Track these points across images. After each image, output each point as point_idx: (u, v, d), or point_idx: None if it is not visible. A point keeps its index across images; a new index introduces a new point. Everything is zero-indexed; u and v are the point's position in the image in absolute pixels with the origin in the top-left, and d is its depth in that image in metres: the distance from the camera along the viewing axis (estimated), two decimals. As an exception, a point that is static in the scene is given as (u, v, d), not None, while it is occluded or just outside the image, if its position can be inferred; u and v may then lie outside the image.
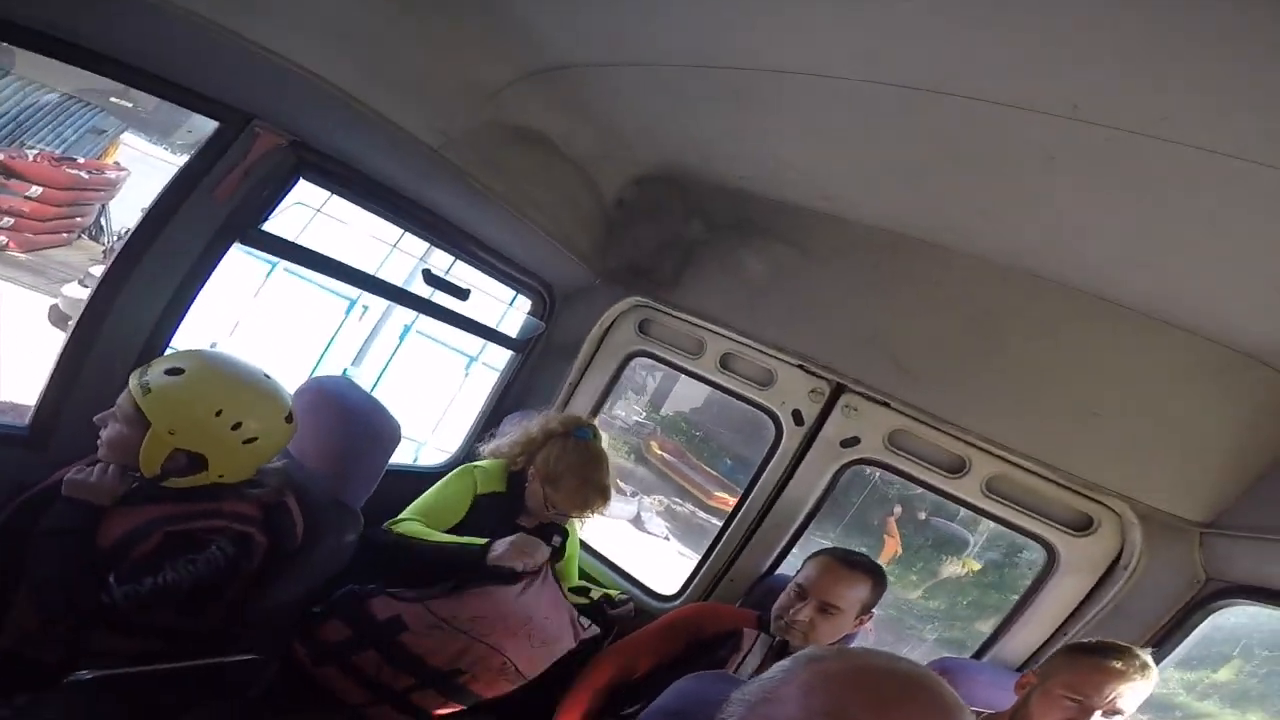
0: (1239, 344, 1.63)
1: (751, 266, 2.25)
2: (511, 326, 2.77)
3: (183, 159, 1.91)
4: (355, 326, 5.29)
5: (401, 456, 2.04)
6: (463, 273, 2.48)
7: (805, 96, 1.49)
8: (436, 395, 4.96)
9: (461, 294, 2.33)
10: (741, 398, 2.55)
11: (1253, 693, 6.31)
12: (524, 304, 2.75)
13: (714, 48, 1.46)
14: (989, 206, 1.61)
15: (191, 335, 1.84)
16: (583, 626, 2.02)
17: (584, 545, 2.57)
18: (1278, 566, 1.64)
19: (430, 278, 2.27)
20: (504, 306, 2.85)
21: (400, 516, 2.07)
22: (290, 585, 1.68)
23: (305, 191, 1.86)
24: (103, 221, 9.31)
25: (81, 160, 8.80)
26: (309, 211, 2.39)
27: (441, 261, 3.06)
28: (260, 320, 5.02)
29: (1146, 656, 1.53)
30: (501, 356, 2.88)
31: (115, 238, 8.60)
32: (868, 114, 1.44)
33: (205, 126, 1.65)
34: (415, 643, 1.82)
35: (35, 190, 7.67)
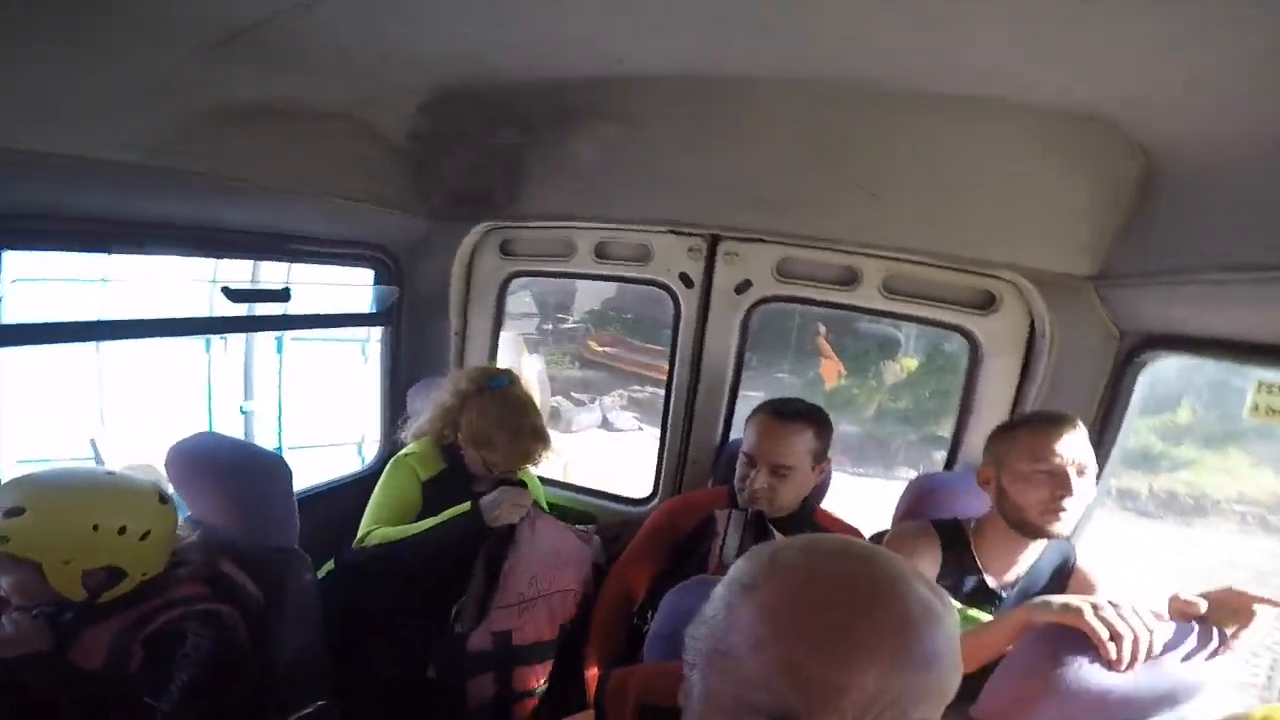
0: (1072, 107, 1.63)
1: (583, 152, 2.11)
2: (366, 302, 2.55)
3: None
4: (225, 361, 4.88)
5: (351, 462, 1.94)
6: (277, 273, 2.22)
7: None
8: (346, 392, 4.71)
9: (280, 296, 2.04)
10: (629, 279, 2.55)
11: (1216, 431, 6.99)
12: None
13: None
14: (796, 29, 1.50)
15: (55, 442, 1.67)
16: (578, 533, 2.16)
17: (547, 481, 2.59)
18: (1176, 308, 1.69)
19: (233, 293, 1.97)
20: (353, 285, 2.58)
21: (362, 532, 1.99)
22: (288, 638, 1.68)
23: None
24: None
25: None
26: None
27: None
28: (127, 397, 4.55)
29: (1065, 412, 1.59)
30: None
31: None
32: None
33: None
34: (522, 637, 1.96)
35: None
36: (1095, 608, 1.14)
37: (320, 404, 4.96)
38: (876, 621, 0.64)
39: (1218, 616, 1.18)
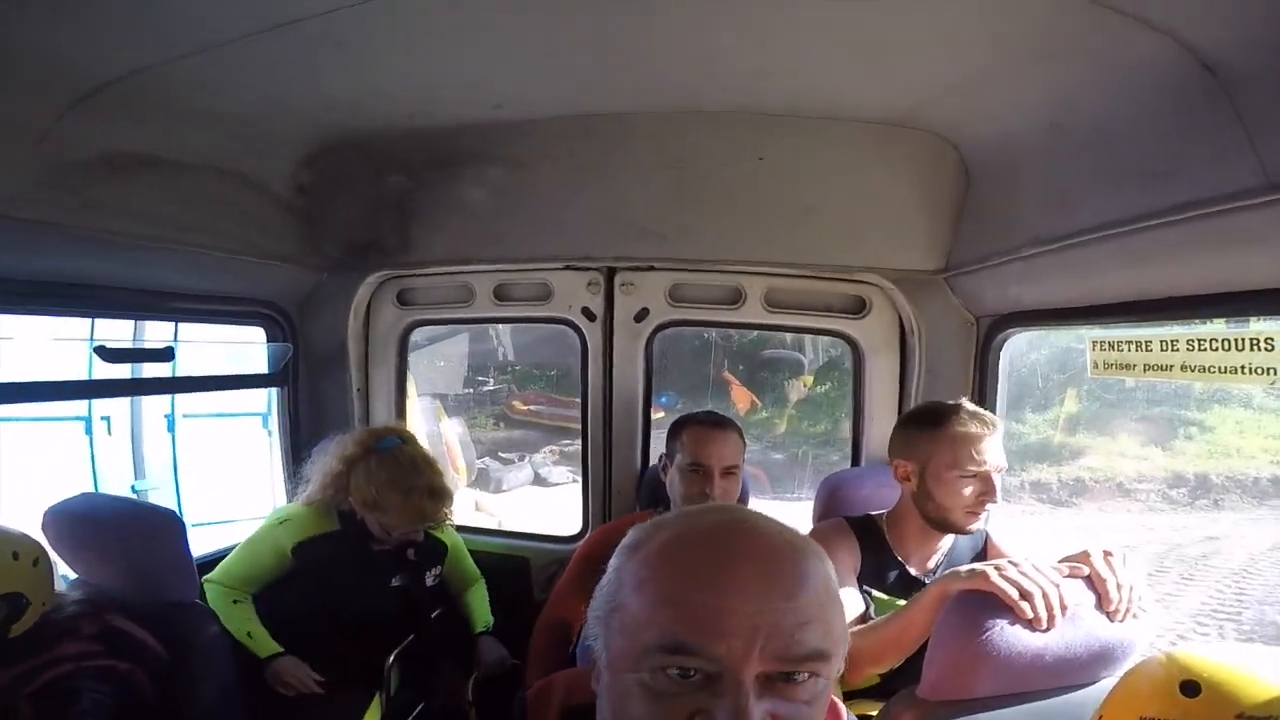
0: (895, 116, 1.80)
1: (472, 196, 2.16)
2: (258, 363, 2.45)
3: None
4: (110, 443, 4.57)
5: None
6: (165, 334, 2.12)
7: (427, 14, 1.38)
8: (249, 465, 4.47)
9: (162, 355, 1.97)
10: (532, 319, 2.61)
11: (1104, 417, 7.57)
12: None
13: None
14: (656, 64, 1.63)
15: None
16: None
17: (477, 530, 2.59)
18: (1011, 288, 1.86)
19: (110, 353, 1.88)
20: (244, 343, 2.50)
21: (215, 576, 1.99)
22: (201, 695, 1.62)
23: None
24: None
25: None
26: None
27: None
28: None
29: (973, 406, 1.64)
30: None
31: None
32: (503, 10, 1.38)
33: None
34: None
35: None
36: (999, 569, 1.20)
37: (224, 481, 4.68)
38: (744, 550, 0.68)
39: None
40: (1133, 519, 7.23)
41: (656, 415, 2.60)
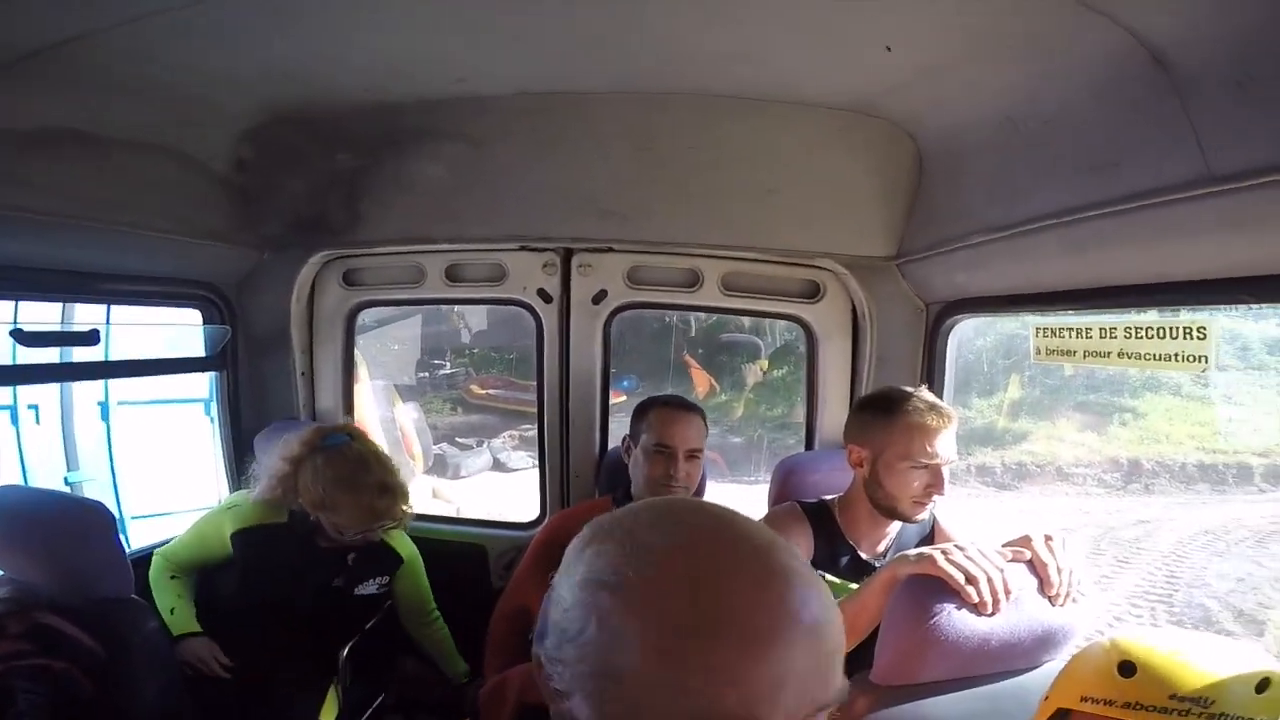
0: (854, 104, 1.82)
1: (426, 173, 2.09)
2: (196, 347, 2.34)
3: None
4: (39, 433, 4.32)
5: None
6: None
7: None
8: (192, 454, 4.28)
9: (87, 339, 1.85)
10: (485, 301, 2.60)
11: (1044, 403, 7.85)
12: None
13: None
14: (622, 43, 1.61)
15: None
16: None
17: (434, 518, 2.55)
18: (959, 275, 1.90)
19: (27, 336, 1.76)
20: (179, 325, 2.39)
21: (158, 557, 2.00)
22: (141, 692, 1.58)
23: None
24: None
25: None
26: None
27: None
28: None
29: (931, 396, 1.64)
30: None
31: None
32: None
33: None
34: None
35: None
36: (945, 553, 1.22)
37: (165, 470, 4.49)
38: (790, 608, 0.57)
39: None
40: (1070, 502, 7.58)
41: (618, 399, 2.59)
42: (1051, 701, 1.05)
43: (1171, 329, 1.32)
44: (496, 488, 7.59)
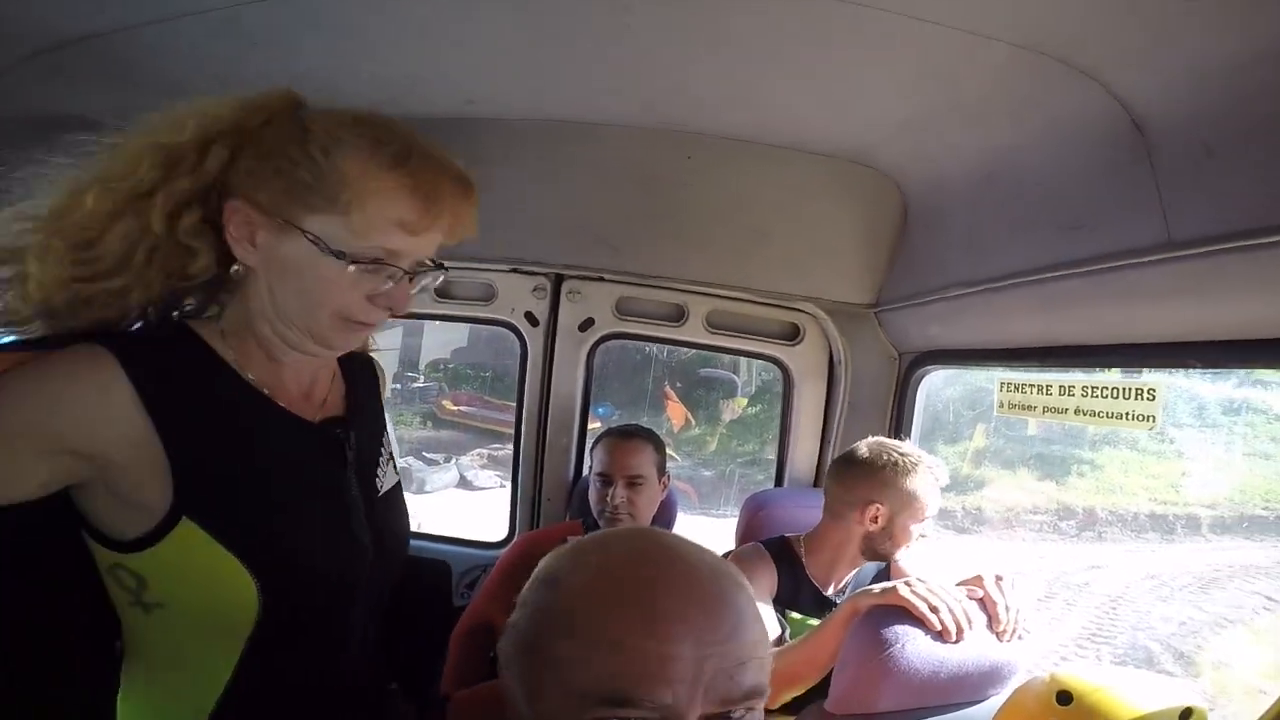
0: (843, 151, 1.88)
1: None
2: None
3: None
4: None
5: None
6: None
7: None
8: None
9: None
10: (473, 319, 2.58)
11: (1006, 452, 8.05)
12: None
13: None
14: (632, 77, 1.66)
15: None
16: None
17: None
18: (933, 326, 1.98)
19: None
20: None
21: None
22: None
23: None
24: None
25: None
26: None
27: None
28: None
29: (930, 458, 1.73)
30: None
31: None
32: (486, 5, 1.38)
33: None
34: None
35: None
36: (909, 584, 1.29)
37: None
38: (681, 589, 0.65)
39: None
40: (1027, 547, 7.73)
41: (594, 426, 2.62)
42: None
43: (1125, 389, 1.41)
44: (461, 505, 7.48)
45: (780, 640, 1.65)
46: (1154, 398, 1.38)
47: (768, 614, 1.68)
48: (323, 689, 1.03)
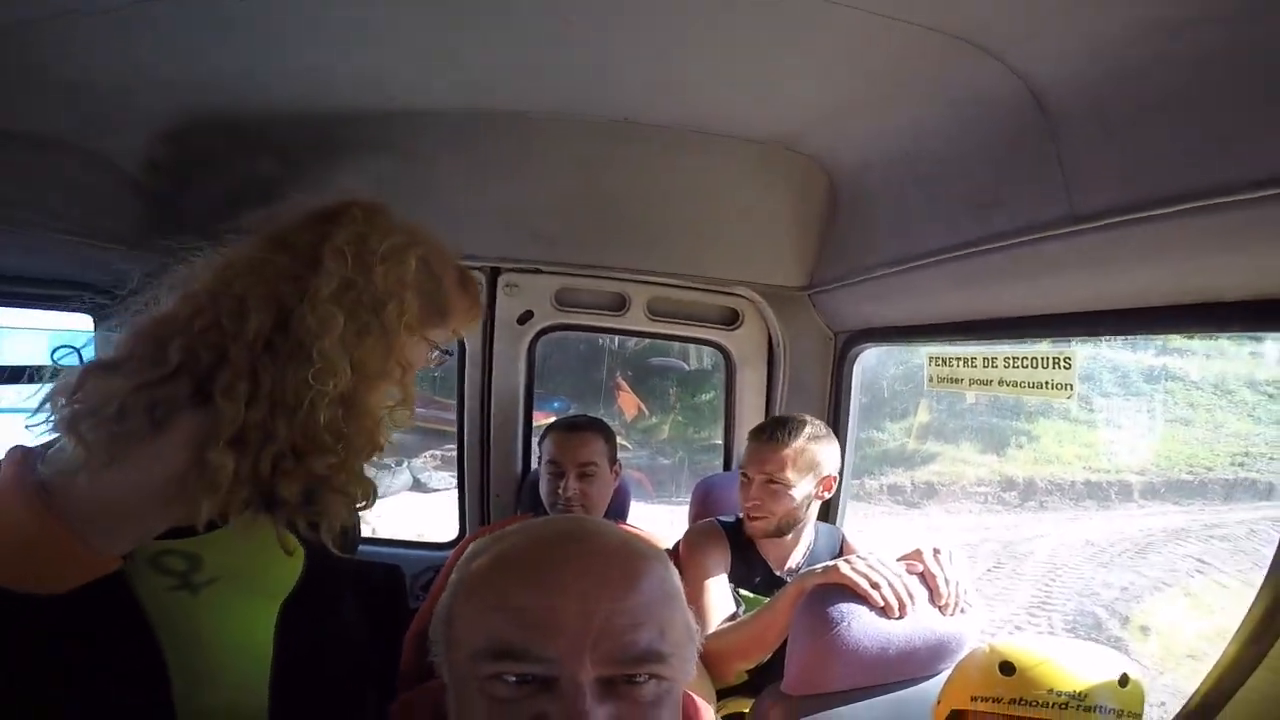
0: (775, 138, 1.90)
1: (350, 185, 1.95)
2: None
3: None
4: None
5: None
6: None
7: None
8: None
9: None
10: None
11: (949, 427, 8.32)
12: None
13: None
14: (562, 65, 1.63)
15: None
16: None
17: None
18: (865, 306, 2.04)
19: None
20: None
21: None
22: None
23: None
24: None
25: None
26: None
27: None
28: None
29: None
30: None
31: None
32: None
33: None
34: None
35: None
36: (849, 562, 1.31)
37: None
38: (575, 553, 0.68)
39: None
40: (974, 519, 8.05)
41: (547, 420, 2.59)
42: (945, 705, 1.15)
43: (1043, 359, 1.46)
44: (416, 508, 7.34)
45: (734, 617, 1.67)
46: (1070, 366, 1.43)
47: (722, 589, 1.71)
48: None
